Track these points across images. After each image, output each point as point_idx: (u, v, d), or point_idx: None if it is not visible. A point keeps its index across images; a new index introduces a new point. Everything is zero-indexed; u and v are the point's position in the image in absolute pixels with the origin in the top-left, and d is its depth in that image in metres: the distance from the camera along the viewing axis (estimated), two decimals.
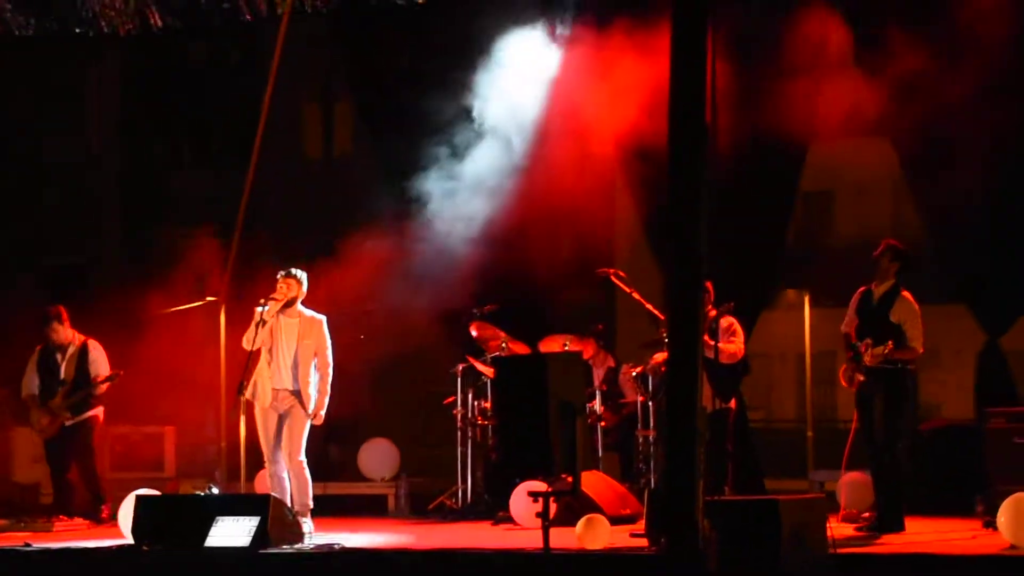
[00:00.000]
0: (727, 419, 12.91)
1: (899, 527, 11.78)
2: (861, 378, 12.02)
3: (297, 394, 12.47)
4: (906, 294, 12.04)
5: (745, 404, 14.58)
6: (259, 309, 12.45)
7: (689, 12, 9.61)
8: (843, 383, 12.31)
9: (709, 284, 12.80)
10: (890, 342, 11.72)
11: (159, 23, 16.13)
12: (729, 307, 12.79)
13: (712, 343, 12.39)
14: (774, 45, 14.29)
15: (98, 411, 14.37)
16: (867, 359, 11.84)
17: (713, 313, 12.70)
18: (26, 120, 17.85)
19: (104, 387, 14.27)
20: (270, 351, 12.54)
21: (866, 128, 15.09)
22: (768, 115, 14.29)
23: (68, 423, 14.19)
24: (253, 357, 12.57)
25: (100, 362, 14.33)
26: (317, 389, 12.49)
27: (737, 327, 12.94)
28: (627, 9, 14.30)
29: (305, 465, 12.50)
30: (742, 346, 12.97)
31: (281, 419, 12.52)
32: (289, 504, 12.08)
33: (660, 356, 12.89)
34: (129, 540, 11.53)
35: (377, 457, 16.10)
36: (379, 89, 16.46)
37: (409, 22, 15.84)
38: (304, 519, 12.25)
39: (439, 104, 15.39)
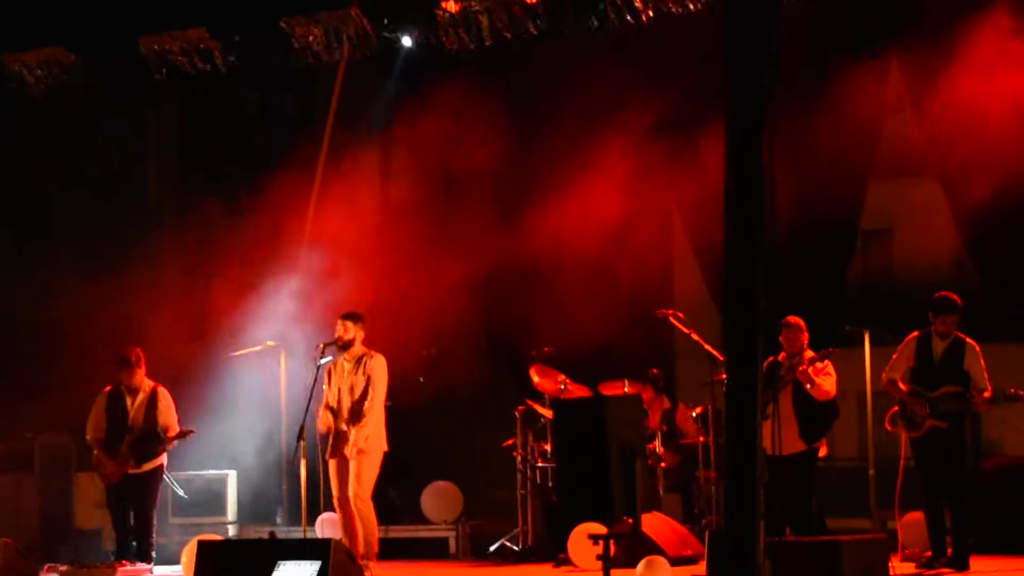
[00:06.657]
0: (811, 461, 12.81)
1: (964, 566, 11.74)
2: (933, 423, 12.02)
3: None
4: (971, 341, 12.11)
5: None
6: (321, 361, 12.59)
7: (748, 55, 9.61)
8: (888, 427, 12.35)
9: (802, 322, 12.80)
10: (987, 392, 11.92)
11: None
12: (828, 352, 12.72)
13: (807, 382, 12.43)
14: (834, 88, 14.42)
15: (162, 459, 14.14)
16: (978, 406, 11.97)
17: (810, 354, 12.70)
18: (88, 172, 18.01)
19: (173, 443, 14.07)
20: (333, 394, 12.65)
21: (922, 166, 15.10)
22: (826, 153, 14.39)
23: (132, 471, 13.99)
24: (315, 401, 12.65)
25: (168, 411, 14.09)
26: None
27: (831, 370, 12.81)
28: None
29: (371, 508, 12.54)
30: (834, 388, 12.88)
31: (348, 462, 12.57)
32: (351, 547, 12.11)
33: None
34: None
35: (441, 500, 16.08)
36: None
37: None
38: (370, 563, 12.27)
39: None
